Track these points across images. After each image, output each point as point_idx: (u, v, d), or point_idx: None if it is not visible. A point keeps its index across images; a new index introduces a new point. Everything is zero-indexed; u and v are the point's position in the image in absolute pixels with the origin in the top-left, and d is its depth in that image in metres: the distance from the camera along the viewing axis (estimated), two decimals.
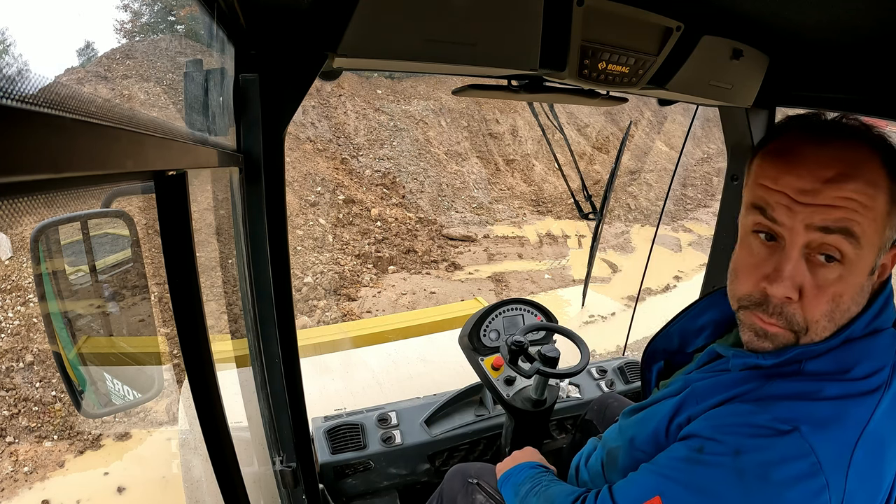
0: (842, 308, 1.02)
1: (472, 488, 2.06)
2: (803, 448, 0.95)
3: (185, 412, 3.60)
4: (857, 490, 0.96)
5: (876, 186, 0.97)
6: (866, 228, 0.97)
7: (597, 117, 21.05)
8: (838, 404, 0.99)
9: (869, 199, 0.96)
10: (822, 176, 0.98)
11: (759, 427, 0.99)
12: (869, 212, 0.96)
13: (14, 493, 6.06)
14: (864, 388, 1.01)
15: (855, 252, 0.98)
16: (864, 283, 1.03)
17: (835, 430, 0.97)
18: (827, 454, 0.95)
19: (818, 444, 0.95)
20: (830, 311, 1.02)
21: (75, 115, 0.47)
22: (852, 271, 1.00)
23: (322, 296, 11.11)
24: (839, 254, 0.98)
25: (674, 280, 13.18)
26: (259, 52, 1.34)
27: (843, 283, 1.00)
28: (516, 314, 2.79)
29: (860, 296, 1.04)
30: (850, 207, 0.96)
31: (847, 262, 0.99)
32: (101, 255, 1.88)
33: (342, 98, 16.97)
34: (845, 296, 1.01)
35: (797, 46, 1.86)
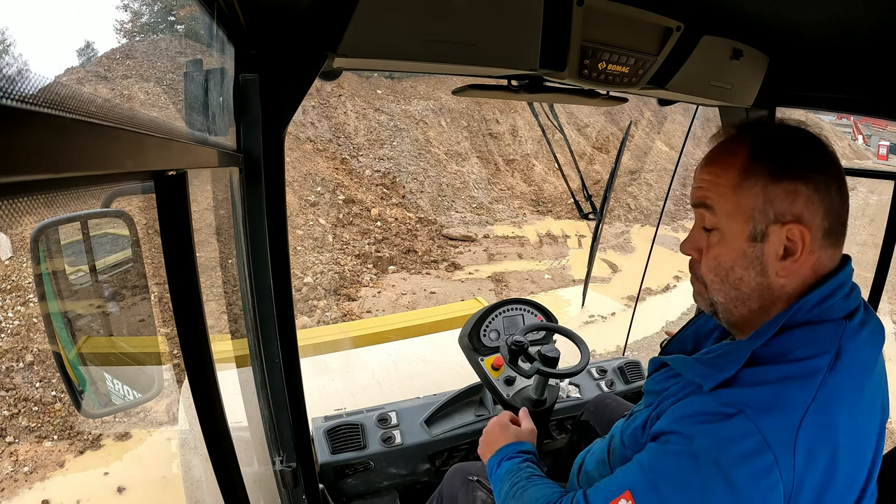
0: (723, 266, 1.21)
1: (472, 486, 2.06)
2: (749, 428, 1.04)
3: (185, 412, 3.60)
4: (809, 470, 1.04)
5: (727, 165, 1.19)
6: (717, 199, 1.19)
7: (597, 117, 21.04)
8: (778, 387, 1.08)
9: (716, 177, 1.20)
10: (700, 165, 1.26)
11: (709, 413, 1.09)
12: (717, 186, 1.19)
13: (14, 493, 6.05)
14: (803, 371, 1.09)
15: (715, 219, 1.21)
16: (745, 247, 1.18)
17: (777, 412, 1.05)
18: (772, 433, 1.03)
19: (763, 424, 1.04)
20: (714, 267, 1.23)
21: (75, 115, 0.47)
22: (724, 236, 1.20)
23: (322, 296, 11.11)
24: (708, 223, 1.22)
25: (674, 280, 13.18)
26: (259, 52, 1.34)
27: (719, 247, 1.21)
28: (516, 314, 2.79)
29: (745, 260, 1.19)
30: (704, 186, 1.22)
31: (715, 229, 1.21)
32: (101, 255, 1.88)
33: (342, 98, 16.96)
34: (724, 256, 1.21)
35: (797, 46, 1.86)
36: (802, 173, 1.13)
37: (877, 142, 34.51)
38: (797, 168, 1.13)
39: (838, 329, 1.14)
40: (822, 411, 1.05)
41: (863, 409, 1.13)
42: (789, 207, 1.13)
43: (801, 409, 1.05)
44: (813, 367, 1.09)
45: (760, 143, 1.18)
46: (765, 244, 1.16)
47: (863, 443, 1.13)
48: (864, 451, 1.14)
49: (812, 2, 1.40)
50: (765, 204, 1.14)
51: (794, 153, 1.16)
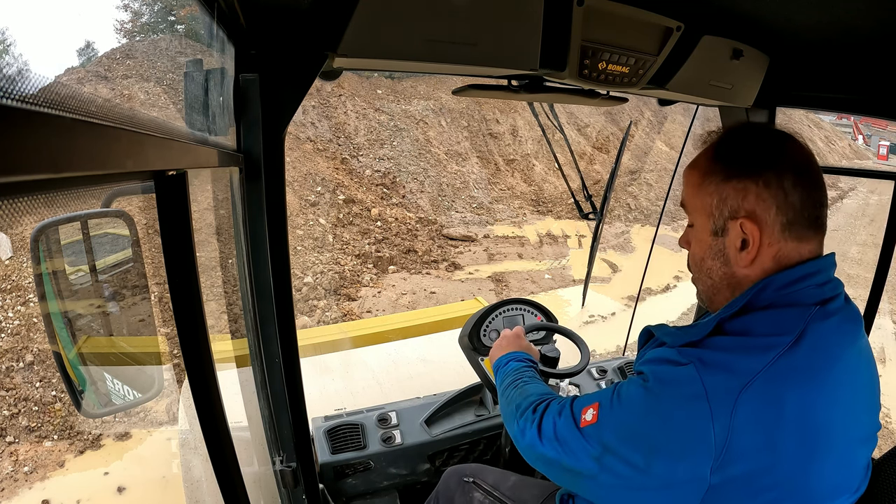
0: (696, 257, 1.37)
1: (468, 487, 2.07)
2: (693, 376, 1.14)
3: (185, 412, 3.60)
4: (745, 433, 1.09)
5: (694, 166, 1.34)
6: (688, 198, 1.35)
7: (597, 117, 21.04)
8: (732, 354, 1.16)
9: (687, 178, 1.35)
10: None
11: (664, 360, 1.22)
12: (688, 187, 1.34)
13: (14, 492, 6.05)
14: (759, 345, 1.16)
15: (689, 215, 1.37)
16: (709, 241, 1.31)
17: (723, 372, 1.13)
18: (713, 389, 1.11)
19: (707, 378, 1.13)
20: (692, 258, 1.39)
21: (75, 115, 0.47)
22: (696, 231, 1.35)
23: (322, 295, 11.10)
24: (690, 220, 1.37)
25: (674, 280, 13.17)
26: (259, 52, 1.34)
27: (694, 240, 1.37)
28: (516, 314, 2.79)
29: (711, 251, 1.32)
30: (686, 188, 1.36)
31: (691, 225, 1.38)
32: (101, 255, 1.88)
33: (342, 98, 16.96)
34: (696, 249, 1.36)
35: (797, 46, 1.86)
36: (752, 172, 1.22)
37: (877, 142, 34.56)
38: (747, 167, 1.24)
39: (805, 313, 1.19)
40: (770, 384, 1.11)
41: (822, 397, 1.15)
42: (741, 204, 1.24)
43: (747, 377, 1.11)
44: (769, 343, 1.15)
45: (719, 145, 1.32)
46: (725, 238, 1.28)
47: (818, 432, 1.14)
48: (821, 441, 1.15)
49: (812, 2, 1.40)
50: (719, 202, 1.27)
51: (746, 153, 1.26)
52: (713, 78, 1.83)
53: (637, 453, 1.19)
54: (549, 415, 1.44)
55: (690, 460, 1.12)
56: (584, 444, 1.30)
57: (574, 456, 1.32)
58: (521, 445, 1.51)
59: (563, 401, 1.46)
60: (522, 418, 1.53)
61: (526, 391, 1.65)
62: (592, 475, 1.28)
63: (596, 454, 1.27)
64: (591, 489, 1.32)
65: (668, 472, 1.15)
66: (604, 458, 1.25)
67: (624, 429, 1.24)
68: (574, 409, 1.38)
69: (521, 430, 1.51)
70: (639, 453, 1.19)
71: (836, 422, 1.17)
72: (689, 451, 1.12)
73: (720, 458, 1.09)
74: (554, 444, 1.38)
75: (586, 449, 1.29)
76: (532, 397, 1.59)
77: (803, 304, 1.20)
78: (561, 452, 1.36)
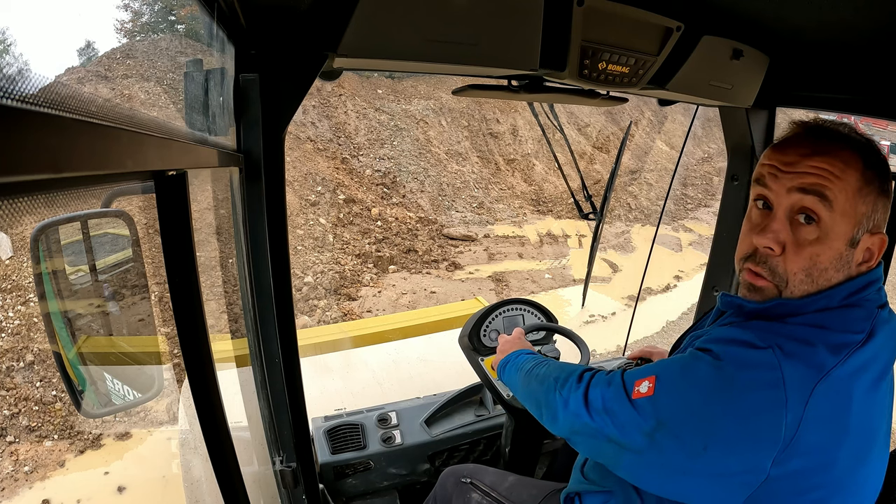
0: (819, 267, 1.20)
1: (466, 488, 2.06)
2: (773, 362, 1.10)
3: (185, 412, 3.60)
4: (814, 427, 1.08)
5: (847, 164, 1.17)
6: (838, 195, 1.16)
7: (597, 117, 21.04)
8: (808, 346, 1.12)
9: (840, 171, 1.16)
10: (802, 152, 1.20)
11: (741, 341, 1.16)
12: (839, 181, 1.16)
13: (14, 492, 6.06)
14: (834, 341, 1.13)
15: (829, 215, 1.16)
16: (843, 251, 1.19)
17: (801, 363, 1.10)
18: (791, 377, 1.08)
19: (785, 366, 1.09)
20: (808, 267, 1.20)
21: (75, 114, 0.47)
22: (828, 234, 1.17)
23: (322, 295, 11.11)
24: (815, 215, 1.17)
25: (674, 280, 13.18)
26: (259, 52, 1.34)
27: (819, 245, 1.18)
28: (516, 314, 2.79)
29: (839, 262, 1.20)
30: (822, 175, 1.16)
31: (822, 225, 1.17)
32: (101, 255, 1.88)
33: (342, 98, 16.96)
34: (822, 256, 1.19)
35: (797, 47, 1.86)
36: (891, 190, 1.21)
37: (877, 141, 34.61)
38: (891, 185, 1.21)
39: (871, 315, 1.20)
40: (844, 380, 1.10)
41: (879, 396, 1.17)
42: (882, 219, 1.21)
43: (822, 371, 1.09)
44: (844, 340, 1.14)
45: (870, 152, 1.21)
46: (855, 249, 1.20)
47: (872, 435, 1.17)
48: (873, 445, 1.17)
49: (812, 2, 1.40)
50: (872, 213, 1.19)
51: (889, 171, 1.21)
52: (713, 78, 1.83)
53: (696, 435, 1.15)
54: (597, 385, 1.37)
55: (754, 449, 1.10)
56: (635, 417, 1.23)
57: (622, 429, 1.26)
58: (563, 416, 1.43)
59: (611, 372, 1.39)
60: (566, 388, 1.45)
61: (561, 366, 1.58)
62: (639, 450, 1.23)
63: (647, 429, 1.21)
64: (633, 466, 1.27)
65: (725, 460, 1.13)
66: (656, 434, 1.19)
67: (685, 407, 1.18)
68: (626, 380, 1.30)
69: (565, 400, 1.43)
70: (698, 436, 1.14)
71: (885, 423, 1.20)
72: (756, 440, 1.10)
73: (785, 451, 1.08)
74: (602, 415, 1.31)
75: (636, 422, 1.23)
76: (572, 368, 1.51)
77: (868, 306, 1.21)
78: (608, 423, 1.29)
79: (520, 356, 1.84)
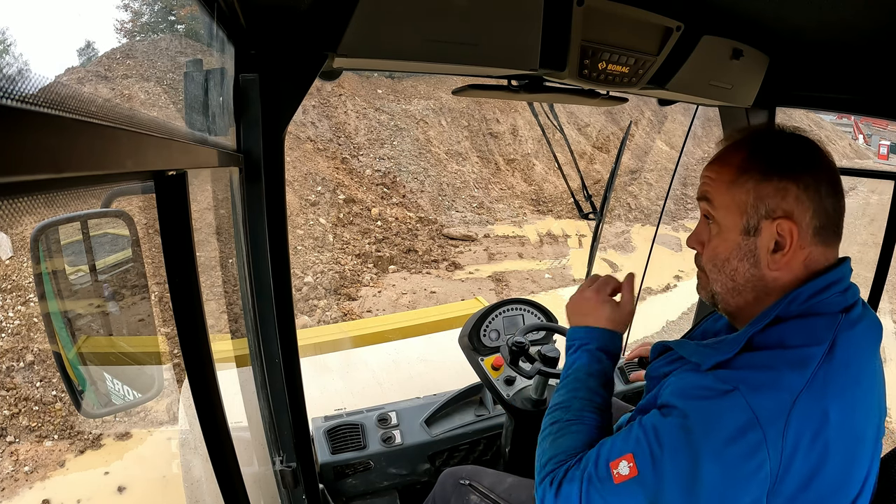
0: (720, 257, 1.30)
1: (464, 490, 2.06)
2: (741, 404, 1.09)
3: (186, 412, 3.60)
4: (797, 456, 1.08)
5: (724, 163, 1.28)
6: (715, 193, 1.28)
7: (597, 117, 21.04)
8: (773, 371, 1.12)
9: (716, 173, 1.29)
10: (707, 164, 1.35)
11: (705, 388, 1.15)
12: (714, 182, 1.29)
13: (14, 492, 6.06)
14: (797, 358, 1.13)
15: (714, 212, 1.29)
16: (739, 240, 1.26)
17: (769, 392, 1.10)
18: (763, 411, 1.08)
19: (755, 402, 1.08)
20: (712, 257, 1.32)
21: (75, 115, 0.47)
22: (720, 229, 1.29)
23: (322, 295, 11.11)
24: (710, 215, 1.31)
25: (674, 280, 13.18)
26: (259, 52, 1.34)
27: (717, 238, 1.30)
28: (516, 314, 2.79)
29: (739, 252, 1.27)
30: (706, 181, 1.32)
31: (714, 221, 1.30)
32: (101, 255, 1.88)
33: (342, 97, 16.96)
34: (720, 248, 1.30)
35: (797, 46, 1.86)
36: (792, 173, 1.21)
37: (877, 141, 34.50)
38: (788, 168, 1.22)
39: (833, 322, 1.19)
40: (815, 398, 1.10)
41: (858, 404, 1.16)
42: (779, 204, 1.21)
43: (794, 393, 1.09)
44: (807, 355, 1.13)
45: (757, 144, 1.27)
46: (757, 238, 1.24)
47: (858, 440, 1.16)
48: (860, 448, 1.17)
49: (812, 2, 1.40)
50: (756, 199, 1.23)
51: (787, 154, 1.24)
52: (713, 78, 1.83)
53: (691, 498, 1.12)
54: (572, 484, 1.29)
55: (747, 491, 1.09)
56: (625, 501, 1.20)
57: None
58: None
59: (584, 463, 1.29)
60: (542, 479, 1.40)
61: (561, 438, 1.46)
62: None
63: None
64: None
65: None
66: None
67: (672, 476, 1.14)
68: (599, 469, 1.23)
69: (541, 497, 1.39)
70: (693, 497, 1.12)
71: (869, 427, 1.19)
72: (747, 483, 1.09)
73: (775, 482, 1.08)
74: None
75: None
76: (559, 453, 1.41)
77: (830, 312, 1.20)
78: None
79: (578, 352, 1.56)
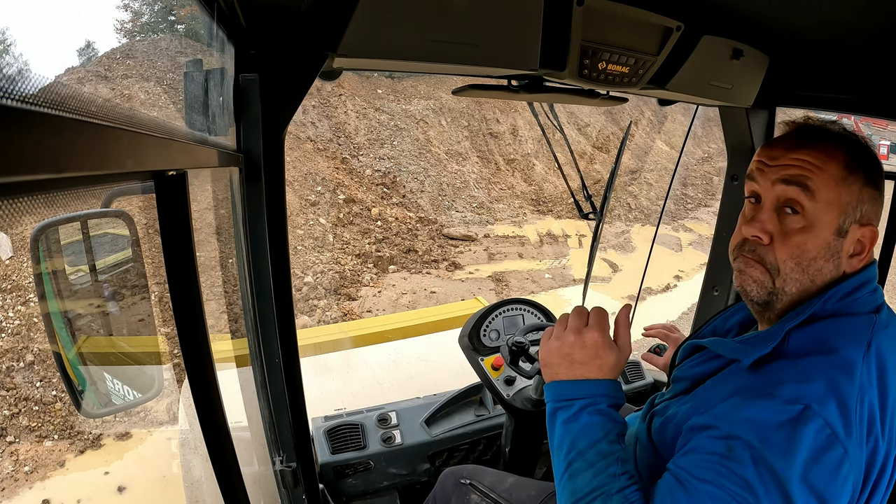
0: (807, 256, 1.19)
1: (465, 489, 2.06)
2: (819, 423, 1.02)
3: (186, 412, 3.60)
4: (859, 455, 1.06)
5: (829, 155, 1.18)
6: (819, 184, 1.17)
7: (597, 117, 21.04)
8: (828, 380, 1.07)
9: (821, 162, 1.18)
10: (787, 146, 1.23)
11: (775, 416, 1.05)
12: (821, 171, 1.17)
13: (14, 492, 6.06)
14: (843, 362, 1.10)
15: (812, 204, 1.17)
16: (831, 240, 1.19)
17: (836, 403, 1.04)
18: (837, 425, 1.03)
19: (829, 417, 1.02)
20: (797, 255, 1.19)
21: (75, 115, 0.47)
22: (813, 224, 1.18)
23: (322, 295, 11.11)
24: (799, 205, 1.18)
25: (674, 280, 13.19)
26: (259, 52, 1.34)
27: (805, 234, 1.18)
28: (516, 314, 2.79)
29: (827, 252, 1.19)
30: (804, 166, 1.18)
31: (807, 214, 1.18)
32: (101, 255, 1.88)
33: (342, 97, 16.96)
34: (809, 244, 1.18)
35: (797, 47, 1.86)
36: (881, 183, 1.23)
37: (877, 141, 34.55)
38: (880, 176, 1.22)
39: (869, 322, 1.18)
40: (867, 400, 1.08)
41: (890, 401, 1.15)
42: (871, 210, 1.21)
43: (853, 399, 1.06)
44: (850, 359, 1.10)
45: (851, 144, 1.22)
46: (844, 240, 1.20)
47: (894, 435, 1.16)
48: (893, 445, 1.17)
49: (812, 2, 1.40)
50: (858, 202, 1.19)
51: (878, 163, 1.23)
52: (713, 78, 1.83)
53: None
54: None
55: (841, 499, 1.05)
56: None
57: None
58: None
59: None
60: None
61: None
62: None
63: None
64: None
65: None
66: None
67: None
68: None
69: None
70: None
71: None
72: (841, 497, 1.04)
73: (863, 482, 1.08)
74: None
75: None
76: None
77: (862, 312, 1.20)
78: None
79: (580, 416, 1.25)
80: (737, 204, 2.41)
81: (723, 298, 2.57)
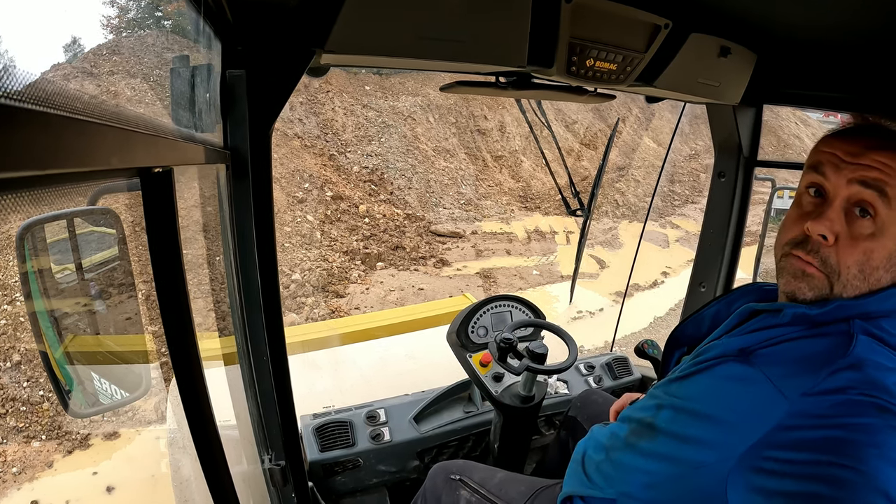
0: (872, 264, 1.12)
1: (455, 485, 2.06)
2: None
3: (174, 411, 3.58)
4: None
5: None
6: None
7: (585, 114, 21.10)
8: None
9: None
10: (867, 144, 1.14)
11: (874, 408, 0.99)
12: None
13: (3, 493, 6.02)
14: None
15: (886, 211, 1.10)
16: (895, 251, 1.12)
17: None
18: None
19: None
20: (861, 262, 1.12)
21: (61, 111, 0.46)
22: (883, 231, 1.11)
23: (310, 293, 11.10)
24: (873, 209, 1.10)
25: (661, 276, 13.25)
26: (246, 48, 1.33)
27: (874, 241, 1.11)
28: (504, 311, 2.79)
29: (889, 262, 1.13)
30: (885, 171, 1.10)
31: (879, 221, 1.10)
32: (88, 253, 1.87)
33: (330, 94, 16.93)
34: (875, 253, 1.11)
35: (784, 44, 1.87)
36: None
37: None
38: None
39: None
40: None
41: None
42: None
43: None
44: None
45: None
46: None
47: None
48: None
49: (798, 1, 1.41)
50: None
51: None
52: (701, 75, 1.84)
53: None
54: None
55: None
56: None
57: None
58: None
59: None
60: None
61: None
62: None
63: None
64: None
65: None
66: None
67: None
68: None
69: None
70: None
71: None
72: None
73: None
74: None
75: None
76: None
77: None
78: None
79: None
80: (724, 201, 2.42)
81: (710, 294, 2.58)
